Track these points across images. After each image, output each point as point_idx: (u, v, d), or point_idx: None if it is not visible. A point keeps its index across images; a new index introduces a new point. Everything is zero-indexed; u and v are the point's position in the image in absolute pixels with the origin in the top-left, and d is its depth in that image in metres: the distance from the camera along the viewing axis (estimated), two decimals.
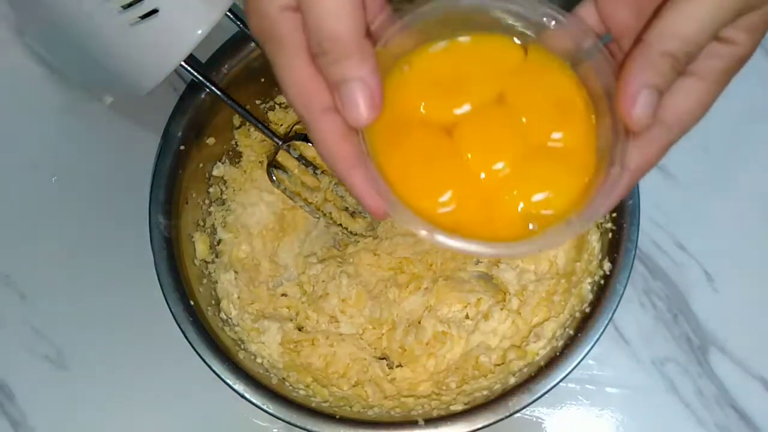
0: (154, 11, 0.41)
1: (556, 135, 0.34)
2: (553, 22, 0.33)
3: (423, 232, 0.31)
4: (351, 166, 0.31)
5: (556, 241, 0.32)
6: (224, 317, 0.51)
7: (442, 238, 0.31)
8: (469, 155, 0.33)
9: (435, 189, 0.33)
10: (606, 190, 0.32)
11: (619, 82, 0.31)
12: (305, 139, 0.54)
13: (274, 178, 0.54)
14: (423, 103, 0.34)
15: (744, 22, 0.30)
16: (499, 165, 0.33)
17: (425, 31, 0.34)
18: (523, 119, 0.34)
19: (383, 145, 0.33)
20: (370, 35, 0.31)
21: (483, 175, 0.33)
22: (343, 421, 0.46)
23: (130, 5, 0.40)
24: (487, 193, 0.33)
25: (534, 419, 0.52)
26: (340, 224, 0.56)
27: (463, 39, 0.34)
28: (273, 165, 0.54)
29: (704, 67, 0.31)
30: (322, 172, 0.55)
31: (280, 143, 0.52)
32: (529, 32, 0.34)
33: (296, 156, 0.54)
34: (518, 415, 0.45)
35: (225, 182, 0.55)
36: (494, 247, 0.32)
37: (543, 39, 0.34)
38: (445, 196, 0.33)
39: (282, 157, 0.54)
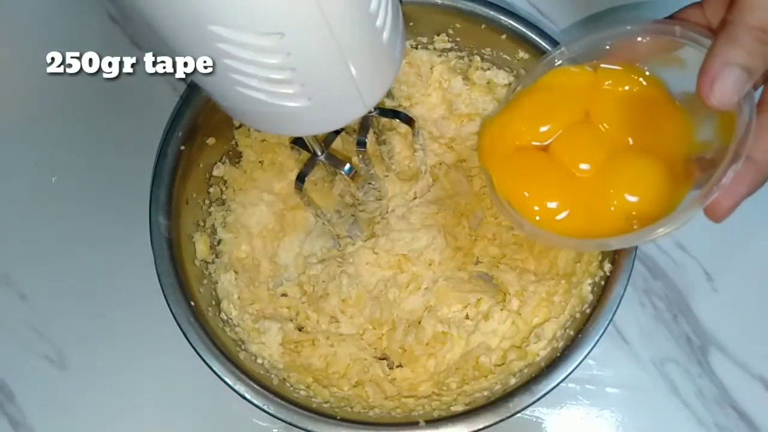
0: None
1: (635, 137, 0.41)
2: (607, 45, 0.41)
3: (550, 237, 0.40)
4: None
5: (647, 238, 0.37)
6: (225, 318, 0.51)
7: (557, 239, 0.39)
8: (563, 163, 0.41)
9: (545, 197, 0.41)
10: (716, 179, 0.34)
11: (702, 64, 0.30)
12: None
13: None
14: (524, 134, 0.43)
15: None
16: (585, 166, 0.41)
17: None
18: (604, 127, 0.42)
19: (499, 174, 0.43)
20: None
21: (583, 176, 0.41)
22: (344, 421, 0.46)
23: None
24: (589, 195, 0.40)
25: (534, 419, 0.52)
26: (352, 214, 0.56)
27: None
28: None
29: None
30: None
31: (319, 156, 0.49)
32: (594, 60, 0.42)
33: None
34: (518, 414, 0.45)
35: (225, 182, 0.55)
36: (596, 243, 0.40)
37: (605, 57, 0.42)
38: (555, 203, 0.40)
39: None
